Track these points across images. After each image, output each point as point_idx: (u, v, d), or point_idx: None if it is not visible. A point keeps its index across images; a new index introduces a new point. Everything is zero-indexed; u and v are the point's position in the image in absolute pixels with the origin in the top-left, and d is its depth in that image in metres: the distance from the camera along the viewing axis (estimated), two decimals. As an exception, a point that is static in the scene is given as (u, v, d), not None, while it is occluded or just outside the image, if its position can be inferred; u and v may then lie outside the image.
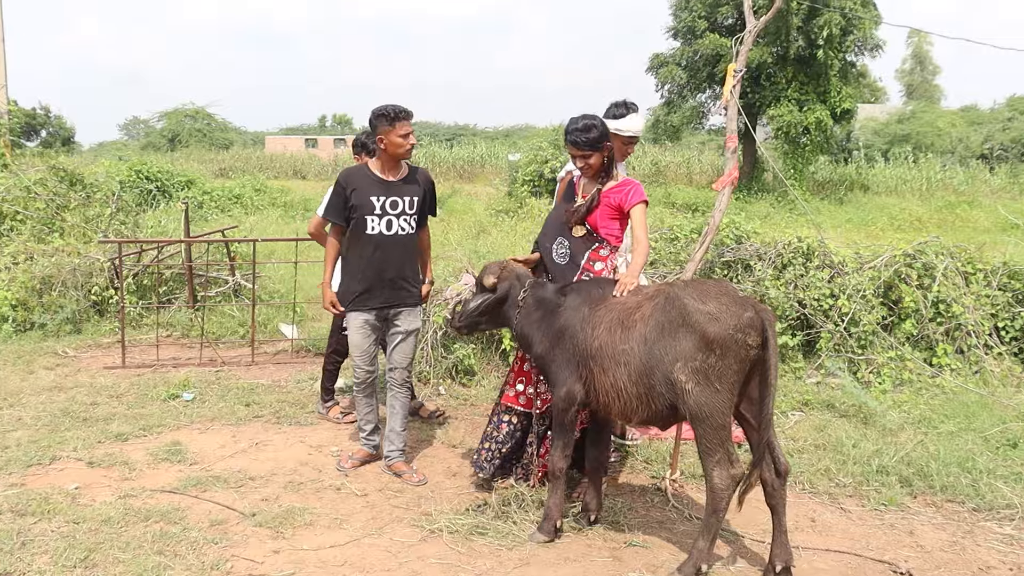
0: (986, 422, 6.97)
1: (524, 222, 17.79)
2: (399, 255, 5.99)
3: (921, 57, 68.90)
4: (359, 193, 5.89)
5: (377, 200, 5.89)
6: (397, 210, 5.93)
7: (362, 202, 5.88)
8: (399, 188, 5.96)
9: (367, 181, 5.94)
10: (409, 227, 6.00)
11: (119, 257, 9.90)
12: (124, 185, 18.18)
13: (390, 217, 5.91)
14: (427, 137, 61.28)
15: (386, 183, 5.95)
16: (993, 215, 23.33)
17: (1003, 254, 9.66)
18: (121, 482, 5.87)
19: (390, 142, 5.83)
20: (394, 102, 5.87)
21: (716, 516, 4.59)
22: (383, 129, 5.81)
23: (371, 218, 5.89)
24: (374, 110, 5.86)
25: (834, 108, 30.68)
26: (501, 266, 5.55)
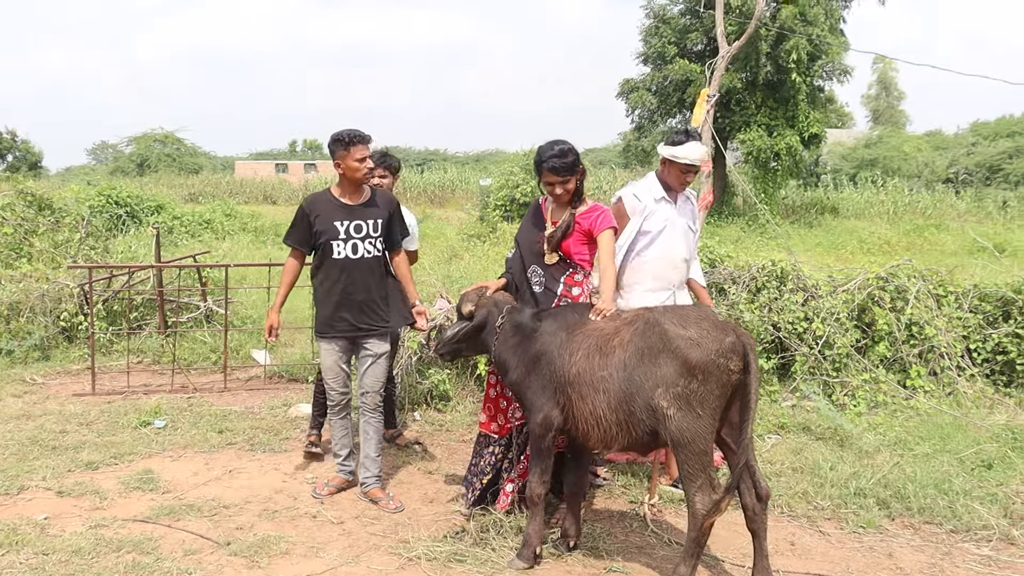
0: (961, 443, 7.00)
1: (496, 246, 17.78)
2: (366, 278, 6.00)
3: (887, 83, 69.84)
4: (322, 219, 5.94)
5: (341, 224, 5.93)
6: (361, 233, 5.96)
7: (326, 227, 5.93)
8: (361, 211, 6.00)
9: (330, 206, 5.98)
10: (375, 250, 6.02)
11: (89, 282, 9.79)
12: (93, 210, 18.04)
13: (355, 241, 5.95)
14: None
15: (348, 207, 5.99)
16: (960, 238, 23.61)
17: (973, 276, 9.75)
18: (92, 512, 5.77)
19: (347, 167, 5.89)
20: (353, 127, 5.94)
21: (698, 541, 4.56)
22: (340, 154, 5.89)
23: (336, 243, 5.93)
24: (331, 136, 5.95)
25: (803, 132, 31.00)
26: (479, 293, 5.54)
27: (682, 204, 6.13)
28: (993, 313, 8.86)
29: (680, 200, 6.11)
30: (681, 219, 6.08)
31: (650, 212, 5.99)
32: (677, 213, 6.06)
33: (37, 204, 13.96)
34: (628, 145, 37.61)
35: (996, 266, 11.06)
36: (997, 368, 8.65)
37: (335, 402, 6.19)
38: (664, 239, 5.98)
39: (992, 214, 33.56)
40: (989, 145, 45.43)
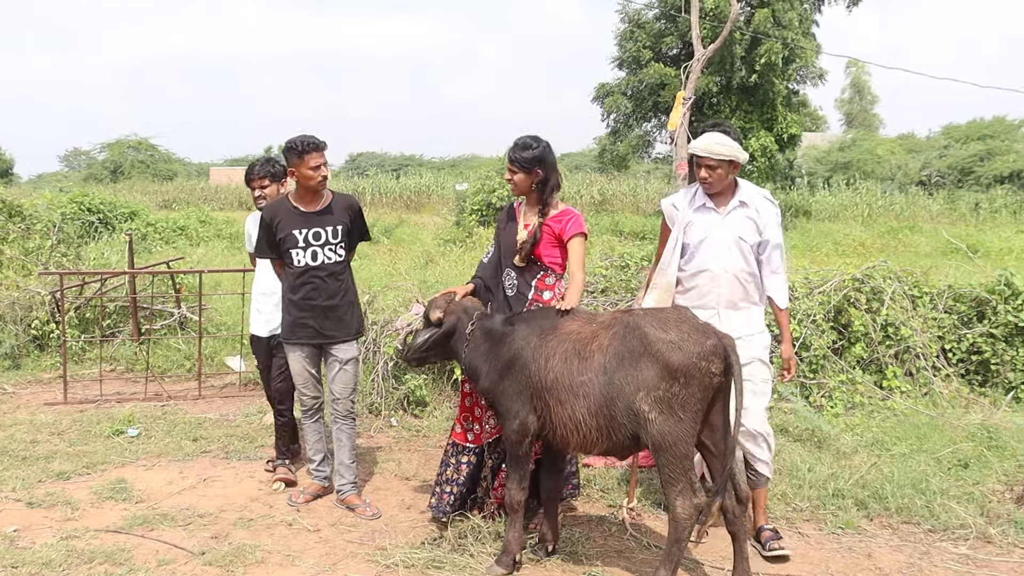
0: (937, 443, 7.03)
1: (472, 251, 17.75)
2: (328, 284, 5.98)
3: (860, 86, 70.32)
4: (282, 226, 5.93)
5: (299, 232, 5.91)
6: (320, 241, 5.93)
7: (286, 235, 5.92)
8: (320, 219, 5.96)
9: (289, 215, 5.96)
10: (336, 255, 6.00)
11: (60, 290, 9.70)
12: (65, 217, 17.87)
13: (314, 248, 5.93)
14: (373, 168, 61.07)
15: (306, 215, 5.95)
16: (934, 239, 23.76)
17: (947, 277, 9.82)
18: (63, 522, 5.69)
19: (301, 174, 5.85)
20: (308, 133, 5.88)
21: (678, 545, 4.54)
22: (294, 162, 5.85)
23: (296, 251, 5.92)
24: (285, 143, 5.93)
25: (780, 134, 31.16)
26: (447, 299, 5.49)
27: (733, 212, 5.38)
28: (967, 313, 8.92)
29: (731, 208, 5.38)
30: (726, 229, 5.35)
31: (688, 222, 5.46)
32: (721, 222, 5.37)
33: (7, 211, 13.79)
34: (604, 149, 37.60)
35: (970, 267, 11.13)
36: (972, 368, 8.72)
37: (307, 407, 6.19)
38: (703, 252, 5.39)
39: (965, 216, 33.86)
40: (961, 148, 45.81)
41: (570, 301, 5.11)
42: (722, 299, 5.34)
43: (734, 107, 31.53)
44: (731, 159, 5.26)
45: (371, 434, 7.74)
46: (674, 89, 28.45)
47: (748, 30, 29.21)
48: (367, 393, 8.17)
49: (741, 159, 5.28)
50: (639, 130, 35.89)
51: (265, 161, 6.74)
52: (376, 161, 68.35)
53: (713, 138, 5.31)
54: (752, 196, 5.42)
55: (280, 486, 6.43)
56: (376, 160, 69.30)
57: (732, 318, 5.30)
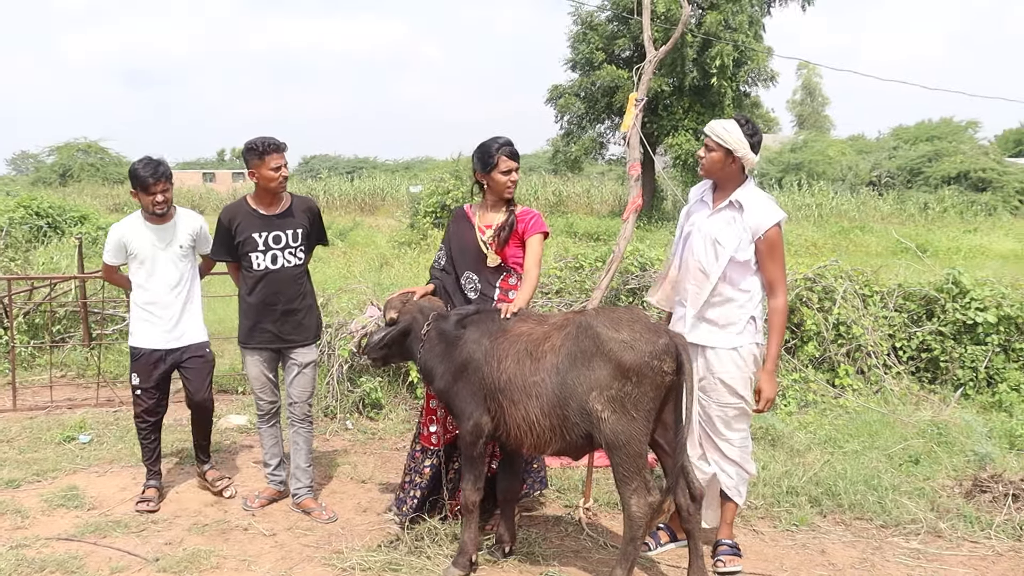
0: (889, 440, 7.13)
1: (427, 253, 17.72)
2: (288, 288, 5.92)
3: (811, 88, 71.21)
4: (241, 229, 5.86)
5: (259, 236, 5.85)
6: (280, 244, 5.88)
7: (245, 238, 5.85)
8: (280, 222, 5.90)
9: (248, 218, 5.89)
10: (296, 259, 5.95)
11: (8, 295, 9.54)
12: (13, 221, 17.56)
13: (274, 252, 5.87)
14: (326, 170, 60.77)
15: (266, 218, 5.88)
16: (884, 239, 24.11)
17: (897, 276, 9.96)
18: (13, 531, 5.60)
19: (261, 176, 5.77)
20: (270, 134, 5.81)
21: (634, 544, 4.56)
22: (254, 163, 5.76)
23: (255, 255, 5.86)
24: (245, 144, 5.82)
25: (728, 137, 31.39)
26: (403, 299, 5.46)
27: (721, 212, 5.11)
28: (917, 312, 9.06)
29: (721, 206, 5.11)
30: (708, 227, 5.12)
31: (687, 216, 5.36)
32: (707, 218, 5.15)
33: (-47, 215, 13.58)
34: (557, 151, 37.69)
35: (919, 266, 11.28)
36: (922, 365, 8.85)
37: (264, 411, 6.14)
38: (687, 246, 5.22)
39: (914, 216, 34.39)
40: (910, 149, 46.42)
41: (519, 302, 5.11)
42: (689, 297, 5.15)
43: (687, 109, 31.79)
44: (730, 148, 5.02)
45: (327, 437, 7.70)
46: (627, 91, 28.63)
47: (699, 32, 29.44)
48: (322, 396, 8.13)
49: (741, 153, 5.01)
50: (592, 132, 36.04)
51: (159, 162, 5.98)
52: (329, 163, 68.02)
53: (722, 122, 5.14)
54: (749, 200, 5.05)
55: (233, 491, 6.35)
56: (329, 162, 68.97)
57: (699, 322, 5.12)
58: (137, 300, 6.14)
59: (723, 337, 5.06)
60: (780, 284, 5.05)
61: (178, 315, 6.09)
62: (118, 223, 6.21)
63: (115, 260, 6.18)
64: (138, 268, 6.09)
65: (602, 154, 38.38)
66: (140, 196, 5.95)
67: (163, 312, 6.07)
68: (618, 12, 31.90)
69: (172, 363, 6.14)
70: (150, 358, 6.08)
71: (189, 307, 6.17)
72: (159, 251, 6.03)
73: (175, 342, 6.10)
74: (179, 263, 6.10)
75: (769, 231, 4.97)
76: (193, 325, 6.19)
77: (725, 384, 5.06)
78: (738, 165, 5.09)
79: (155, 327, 6.07)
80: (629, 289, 9.29)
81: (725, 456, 5.16)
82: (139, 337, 6.11)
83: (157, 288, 6.06)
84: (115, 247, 6.10)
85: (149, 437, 6.22)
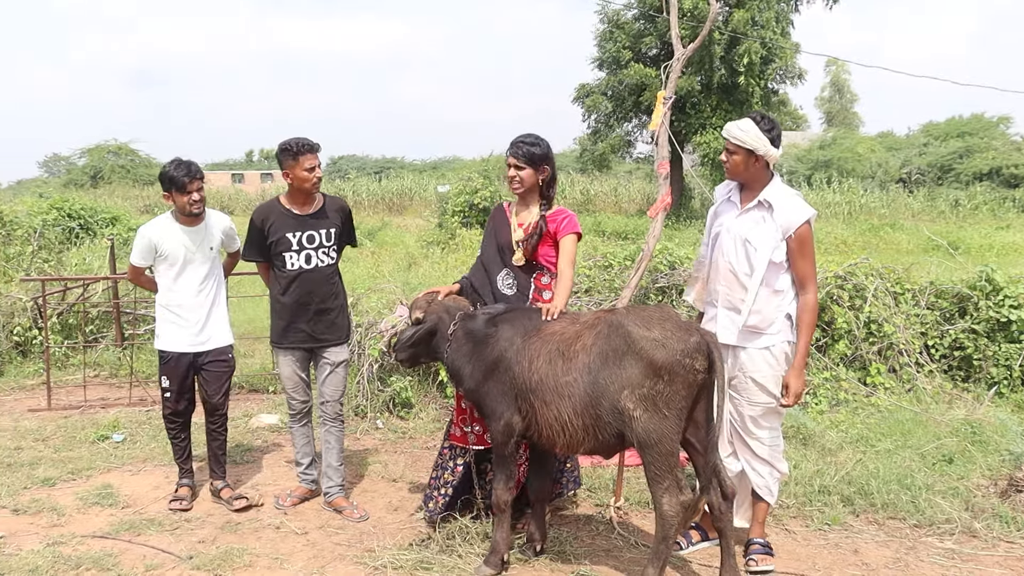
0: (922, 439, 7.07)
1: (455, 253, 17.76)
2: (321, 287, 5.95)
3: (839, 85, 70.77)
4: (275, 229, 5.87)
5: (293, 236, 5.87)
6: (314, 244, 5.91)
7: (279, 238, 5.87)
8: (314, 222, 5.93)
9: (281, 217, 5.91)
10: (328, 259, 5.98)
11: (43, 296, 9.63)
12: (46, 223, 17.75)
13: (308, 251, 5.89)
14: (354, 171, 60.98)
15: (300, 218, 5.91)
16: (915, 236, 23.91)
17: (929, 274, 9.86)
18: (49, 529, 5.67)
19: (295, 176, 5.79)
20: (302, 135, 5.82)
21: (666, 543, 4.55)
22: (288, 164, 5.79)
23: (289, 254, 5.88)
24: (279, 145, 5.83)
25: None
26: (428, 299, 5.46)
27: (750, 211, 5.07)
28: (949, 309, 8.97)
29: (750, 206, 5.06)
30: (737, 227, 5.08)
31: (715, 215, 5.32)
32: (736, 218, 5.12)
33: (-13, 218, 13.73)
34: (584, 150, 37.69)
35: (951, 263, 11.20)
36: (955, 364, 8.76)
37: (296, 411, 6.14)
38: (716, 246, 5.20)
39: (945, 213, 34.11)
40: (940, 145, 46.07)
41: (558, 303, 5.10)
42: (721, 297, 5.14)
43: (714, 107, 31.70)
44: (750, 148, 4.98)
45: (357, 436, 7.73)
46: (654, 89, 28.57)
47: (727, 30, 29.32)
48: (352, 396, 8.16)
49: (763, 151, 4.96)
50: (620, 130, 36.01)
51: (190, 162, 5.99)
52: (357, 164, 68.31)
53: (740, 122, 5.09)
54: (778, 199, 4.99)
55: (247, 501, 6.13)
56: (357, 163, 69.26)
57: (727, 321, 5.10)
58: (164, 302, 6.11)
59: (756, 337, 5.04)
60: (811, 280, 5.01)
61: (205, 318, 6.09)
62: (147, 224, 6.18)
63: (144, 262, 6.15)
64: (167, 270, 6.06)
65: (630, 152, 38.37)
66: (175, 197, 5.92)
67: (190, 315, 6.05)
68: (645, 10, 31.82)
69: (199, 365, 6.15)
70: (179, 361, 6.07)
71: (216, 310, 6.17)
72: (191, 253, 6.03)
73: (202, 345, 6.09)
74: (208, 265, 6.12)
75: (800, 228, 4.94)
76: (220, 328, 6.19)
77: (756, 383, 5.04)
78: (762, 163, 5.05)
79: (182, 329, 6.05)
80: (658, 288, 9.26)
81: (756, 455, 5.13)
82: (166, 340, 6.09)
83: (185, 290, 6.05)
84: (145, 249, 6.06)
85: (179, 436, 6.25)
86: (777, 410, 5.11)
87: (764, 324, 5.00)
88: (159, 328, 6.14)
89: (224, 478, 6.36)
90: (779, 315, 5.01)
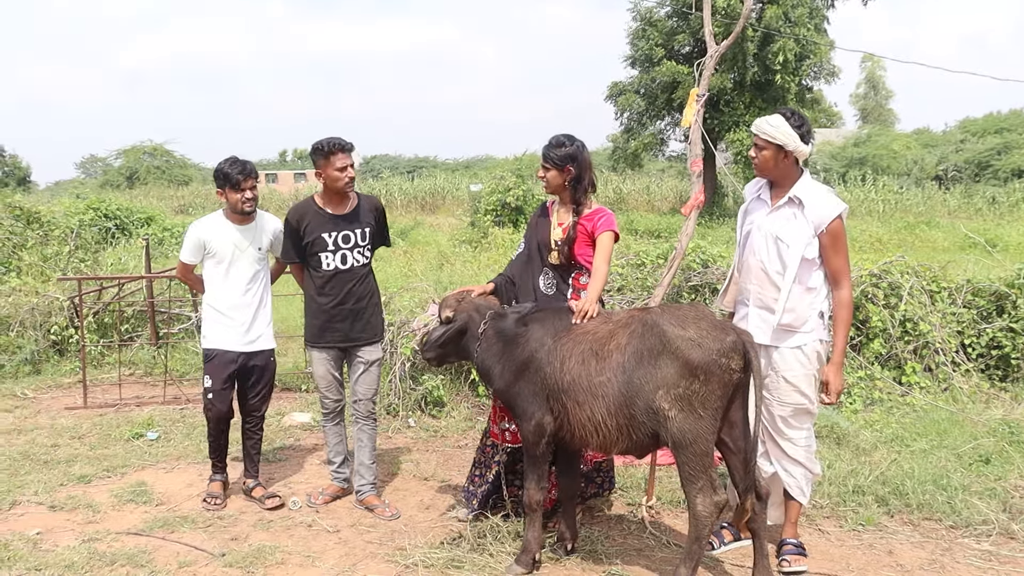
0: (958, 439, 6.98)
1: (488, 252, 17.76)
2: (357, 287, 5.93)
3: (874, 82, 70.19)
4: (310, 230, 5.85)
5: (329, 236, 5.85)
6: (349, 244, 5.89)
7: (315, 239, 5.85)
8: (349, 221, 5.91)
9: (317, 218, 5.88)
10: (364, 258, 5.96)
11: (79, 295, 9.74)
12: (83, 223, 17.97)
13: (344, 251, 5.87)
14: (387, 170, 61.17)
15: (335, 218, 5.89)
16: (951, 234, 23.63)
17: (965, 272, 9.75)
18: (85, 525, 5.72)
19: (328, 176, 5.78)
20: (336, 135, 5.81)
21: (699, 543, 4.52)
22: (320, 163, 5.77)
23: (325, 255, 5.86)
24: (312, 144, 5.84)
25: (792, 132, 31.12)
26: (458, 298, 5.45)
27: (781, 208, 5.03)
28: (987, 308, 8.87)
29: (781, 203, 5.03)
30: (768, 224, 5.03)
31: (745, 214, 5.30)
32: (767, 216, 5.07)
33: (26, 218, 13.91)
34: (617, 148, 37.60)
35: (988, 261, 11.08)
36: (992, 363, 8.66)
37: (329, 410, 6.16)
38: (748, 245, 5.15)
39: (982, 210, 33.67)
40: (977, 142, 45.53)
41: (591, 297, 5.09)
42: (753, 296, 5.08)
43: (748, 104, 31.53)
44: (780, 144, 4.93)
45: (389, 435, 7.74)
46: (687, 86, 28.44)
47: (760, 27, 29.13)
48: (384, 394, 8.17)
49: (792, 147, 4.92)
50: (652, 128, 35.92)
51: (245, 161, 6.04)
52: (390, 163, 68.52)
53: (770, 118, 5.03)
54: (809, 195, 4.95)
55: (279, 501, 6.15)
56: (390, 162, 69.48)
57: (759, 320, 5.04)
58: (211, 301, 6.11)
59: (790, 336, 4.99)
60: (845, 276, 4.97)
61: (251, 318, 6.07)
62: (198, 221, 6.20)
63: (193, 259, 6.13)
64: (215, 267, 6.06)
65: (662, 150, 38.26)
66: (228, 194, 5.93)
67: (237, 314, 6.03)
68: (677, 7, 31.68)
69: (242, 366, 6.10)
70: (223, 359, 6.03)
71: (262, 311, 6.15)
72: (239, 251, 6.03)
73: (249, 346, 6.07)
74: (256, 265, 6.10)
75: (832, 223, 4.89)
76: (266, 330, 6.18)
77: (788, 382, 4.98)
78: (791, 159, 5.00)
79: (230, 329, 6.03)
80: (691, 286, 9.22)
81: (788, 456, 5.08)
82: (213, 339, 6.06)
83: (232, 289, 6.04)
84: (195, 245, 6.06)
85: (217, 436, 6.22)
86: (809, 410, 5.06)
87: (798, 323, 4.95)
88: (205, 327, 6.14)
89: (257, 477, 6.38)
90: (812, 313, 4.96)
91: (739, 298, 5.25)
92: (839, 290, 4.97)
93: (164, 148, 58.79)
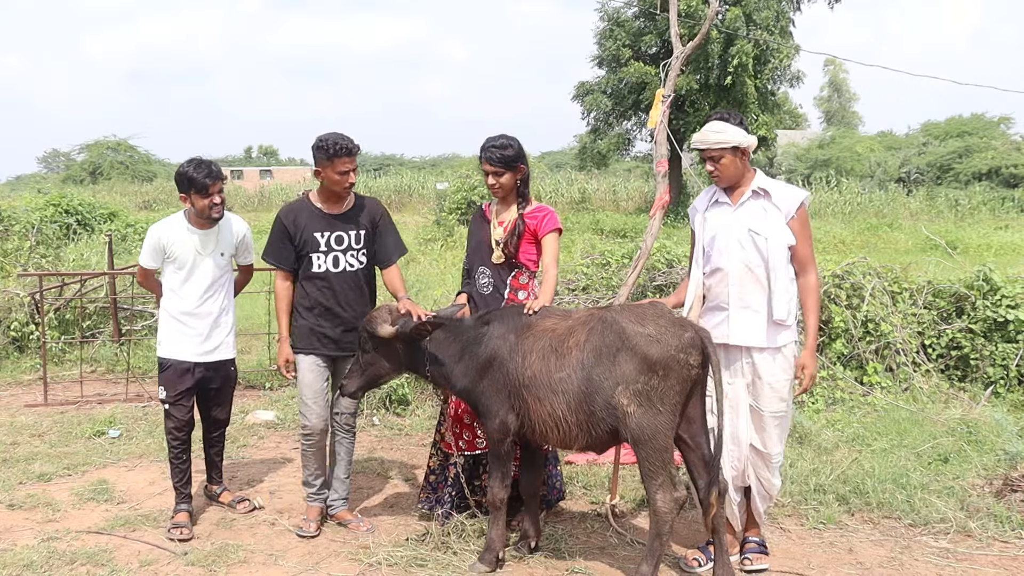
0: (917, 438, 7.07)
1: (453, 250, 17.78)
2: (350, 293, 5.58)
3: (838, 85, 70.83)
4: (302, 229, 5.51)
5: (321, 236, 5.51)
6: (343, 245, 5.54)
7: (306, 238, 5.50)
8: (344, 222, 5.57)
9: (310, 216, 5.55)
10: (358, 263, 5.59)
11: (40, 291, 9.63)
12: (44, 218, 17.75)
13: (336, 253, 5.53)
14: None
15: (329, 217, 5.56)
16: (913, 236, 23.92)
17: (926, 273, 9.86)
18: (44, 524, 5.66)
19: (328, 178, 5.46)
20: (342, 132, 5.55)
21: (660, 539, 4.56)
22: (321, 163, 5.43)
23: (316, 255, 5.52)
24: (316, 139, 5.50)
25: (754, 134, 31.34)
26: (388, 309, 5.24)
27: (747, 203, 4.99)
28: (947, 309, 8.97)
29: (744, 198, 4.99)
30: (736, 221, 4.97)
31: (704, 221, 5.13)
32: (732, 214, 5.01)
33: (-15, 213, 13.76)
34: (584, 147, 37.70)
35: (949, 263, 11.17)
36: (951, 363, 8.76)
37: (312, 428, 5.63)
38: (716, 249, 5.01)
39: (943, 212, 34.13)
40: (940, 145, 46.12)
41: (543, 298, 5.11)
42: (732, 298, 4.92)
43: (713, 105, 31.67)
44: (734, 145, 4.90)
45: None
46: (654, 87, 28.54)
47: (723, 28, 29.31)
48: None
49: (746, 143, 4.91)
50: (619, 128, 36.03)
51: (210, 162, 5.64)
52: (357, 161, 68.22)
53: (710, 127, 4.99)
54: (771, 185, 4.99)
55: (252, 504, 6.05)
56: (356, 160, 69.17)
57: (744, 321, 4.91)
58: (169, 308, 5.73)
59: (779, 332, 4.91)
60: (811, 262, 4.97)
61: (211, 326, 5.70)
62: (158, 224, 5.81)
63: (153, 263, 5.75)
64: (174, 273, 5.68)
65: (628, 151, 38.35)
66: (194, 200, 5.53)
67: (195, 322, 5.67)
68: (644, 8, 31.81)
69: (200, 377, 5.74)
70: (178, 369, 5.67)
71: (223, 319, 5.78)
72: (200, 257, 5.65)
73: (207, 356, 5.71)
74: (217, 271, 5.72)
75: (799, 209, 4.93)
76: (227, 339, 5.82)
77: (774, 389, 4.89)
78: (747, 156, 5.01)
79: (187, 338, 5.66)
80: (656, 286, 9.27)
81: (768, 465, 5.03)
82: (168, 347, 5.70)
83: (191, 296, 5.66)
84: (153, 249, 5.68)
85: (181, 457, 5.75)
86: (788, 416, 5.04)
87: (788, 317, 4.88)
88: (161, 334, 5.77)
89: (222, 482, 6.23)
90: (794, 306, 4.93)
91: (714, 304, 5.03)
92: (807, 276, 4.94)
93: (128, 143, 58.19)
